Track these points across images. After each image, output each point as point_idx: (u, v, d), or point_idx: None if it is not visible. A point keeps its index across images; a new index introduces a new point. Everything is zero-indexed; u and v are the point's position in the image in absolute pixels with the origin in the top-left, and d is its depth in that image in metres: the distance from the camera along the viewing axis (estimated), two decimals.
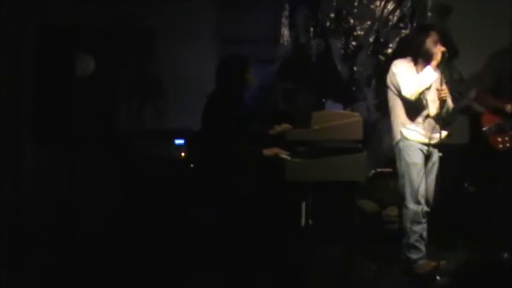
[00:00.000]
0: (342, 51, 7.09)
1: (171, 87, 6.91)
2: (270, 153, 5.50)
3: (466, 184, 6.63)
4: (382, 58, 7.06)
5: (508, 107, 6.12)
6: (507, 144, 6.13)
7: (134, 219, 6.08)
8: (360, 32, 7.07)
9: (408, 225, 5.60)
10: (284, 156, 5.47)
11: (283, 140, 5.69)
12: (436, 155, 5.68)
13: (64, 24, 5.41)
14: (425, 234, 5.63)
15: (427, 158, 5.66)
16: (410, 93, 5.52)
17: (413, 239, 5.61)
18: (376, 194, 6.84)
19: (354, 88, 7.12)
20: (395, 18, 7.06)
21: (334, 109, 6.98)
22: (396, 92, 5.65)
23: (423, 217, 5.60)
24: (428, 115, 5.59)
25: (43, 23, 5.46)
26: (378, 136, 6.96)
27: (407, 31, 6.98)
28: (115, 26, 6.37)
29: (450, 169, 5.92)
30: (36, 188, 5.79)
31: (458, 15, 6.87)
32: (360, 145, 5.63)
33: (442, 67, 5.53)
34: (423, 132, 5.62)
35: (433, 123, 5.61)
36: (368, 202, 6.83)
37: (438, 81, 5.53)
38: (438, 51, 5.50)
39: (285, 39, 7.09)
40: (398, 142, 5.66)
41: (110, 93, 5.55)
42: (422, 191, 5.58)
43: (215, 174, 5.45)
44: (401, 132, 5.65)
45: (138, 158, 6.21)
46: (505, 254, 5.79)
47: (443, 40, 5.73)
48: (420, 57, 5.59)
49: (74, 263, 5.35)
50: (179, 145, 6.27)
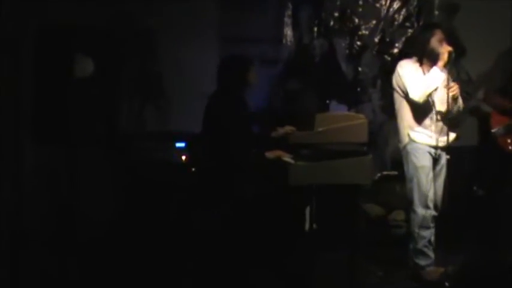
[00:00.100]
0: (347, 51, 7.07)
1: (172, 88, 6.83)
2: (273, 156, 5.42)
3: (475, 187, 6.61)
4: (387, 58, 7.04)
5: None
6: None
7: (134, 222, 6.01)
8: (365, 32, 7.05)
9: (416, 230, 5.53)
10: (287, 159, 5.40)
11: (286, 143, 5.65)
12: (444, 158, 5.60)
13: (64, 24, 5.39)
14: (433, 239, 5.58)
15: (436, 161, 5.59)
16: (417, 95, 5.45)
17: (421, 245, 5.54)
18: (381, 198, 6.80)
19: (359, 89, 7.09)
20: (401, 17, 7.05)
21: (338, 111, 6.94)
22: (402, 94, 5.58)
23: (431, 222, 5.54)
24: (438, 113, 5.50)
25: (43, 23, 5.43)
26: (384, 138, 6.96)
27: (413, 30, 6.95)
28: (115, 26, 6.33)
29: (458, 172, 5.89)
30: (36, 189, 5.74)
31: (465, 13, 6.86)
32: (365, 148, 5.60)
33: (449, 67, 5.43)
34: (431, 134, 5.55)
35: (441, 124, 5.53)
36: (373, 206, 6.79)
37: (445, 82, 5.43)
38: (445, 51, 5.41)
39: (288, 39, 7.06)
40: (406, 145, 5.60)
41: (110, 94, 5.55)
42: (430, 195, 5.51)
43: (216, 177, 5.38)
44: (408, 135, 5.58)
45: (138, 161, 6.13)
46: None
47: (450, 39, 5.65)
48: (425, 57, 5.52)
49: (74, 264, 5.35)
50: (180, 148, 6.19)
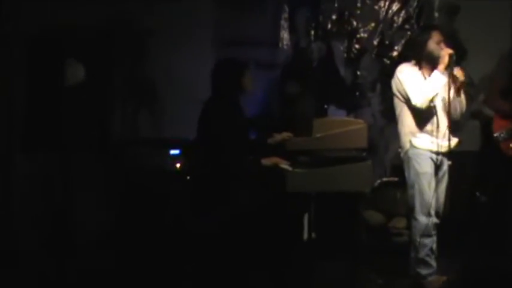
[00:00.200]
0: (345, 54, 7.05)
1: (166, 93, 6.82)
2: (269, 163, 5.36)
3: (478, 193, 6.54)
4: (387, 61, 7.01)
5: None
6: None
7: (128, 231, 6.05)
8: (364, 35, 7.02)
9: (417, 238, 5.46)
10: (284, 166, 5.35)
11: (283, 149, 5.60)
12: (446, 164, 5.54)
13: (55, 28, 5.44)
14: (435, 247, 5.51)
15: (438, 167, 5.52)
16: (420, 101, 5.37)
17: (423, 253, 5.47)
18: (382, 205, 6.75)
19: (358, 93, 7.06)
20: (400, 19, 7.01)
21: (337, 116, 6.92)
22: (403, 100, 5.50)
23: (433, 229, 5.47)
24: (440, 117, 5.44)
25: (34, 29, 5.49)
26: (384, 144, 6.93)
27: (411, 33, 6.91)
28: (108, 30, 6.25)
29: (461, 178, 5.92)
30: (27, 196, 5.84)
31: (466, 15, 6.82)
32: (365, 154, 5.57)
33: (450, 70, 5.32)
34: (433, 139, 5.47)
35: (443, 129, 5.43)
36: (374, 213, 6.73)
37: (446, 85, 5.34)
38: (445, 53, 5.32)
39: (285, 42, 7.03)
40: (407, 151, 5.54)
41: (103, 100, 5.53)
42: (432, 202, 5.45)
43: (212, 185, 5.30)
44: (410, 141, 5.51)
45: (132, 169, 6.16)
46: None
47: (450, 41, 5.59)
48: (424, 60, 5.45)
49: (67, 272, 5.32)
50: (174, 155, 6.19)
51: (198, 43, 6.82)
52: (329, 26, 7.00)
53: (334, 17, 6.98)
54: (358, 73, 7.04)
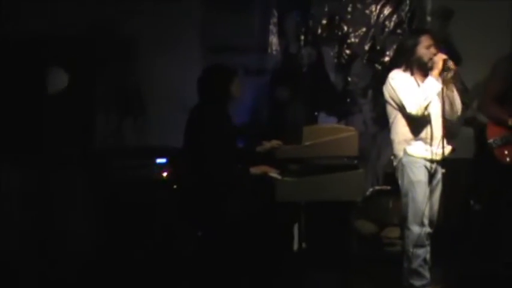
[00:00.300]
0: (335, 60, 7.03)
1: (153, 100, 6.77)
2: (258, 171, 5.33)
3: (472, 202, 6.50)
4: (378, 67, 6.99)
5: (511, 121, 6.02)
6: None
7: (113, 244, 5.97)
8: (355, 40, 7.01)
9: (410, 248, 5.38)
10: (274, 174, 5.33)
11: (272, 158, 5.56)
12: (440, 172, 5.49)
13: (36, 35, 5.45)
14: (428, 257, 5.43)
15: (432, 176, 5.45)
16: (415, 109, 5.29)
17: (416, 264, 5.37)
18: (374, 214, 6.69)
19: (349, 100, 7.04)
20: (392, 23, 7.00)
21: (327, 123, 6.90)
22: (397, 107, 5.42)
23: (426, 239, 5.40)
24: (435, 123, 5.38)
25: (14, 35, 5.49)
26: (376, 151, 6.91)
27: (400, 38, 6.93)
28: (92, 36, 6.31)
29: (455, 186, 5.89)
30: (5, 210, 5.74)
31: (460, 19, 6.80)
32: (356, 161, 5.55)
33: (444, 76, 5.26)
34: (428, 147, 5.40)
35: (438, 136, 5.37)
36: (365, 223, 6.67)
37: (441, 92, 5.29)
38: (439, 59, 5.25)
39: (274, 48, 7.01)
40: (401, 159, 5.47)
41: (86, 107, 5.65)
42: (426, 212, 5.37)
43: (199, 195, 5.26)
44: (405, 149, 5.44)
45: (116, 178, 6.08)
46: None
47: (444, 46, 5.59)
48: (414, 66, 5.38)
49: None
50: (161, 164, 6.15)
51: (186, 49, 6.80)
52: (319, 31, 6.98)
53: (324, 22, 6.98)
54: (349, 79, 7.01)
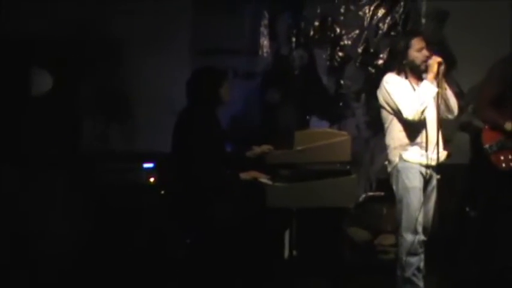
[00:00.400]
0: (328, 62, 7.01)
1: (140, 104, 6.72)
2: (248, 177, 5.33)
3: (468, 208, 6.45)
4: (372, 70, 6.95)
5: (508, 126, 5.94)
6: (511, 163, 5.91)
7: (99, 251, 5.90)
8: (347, 42, 6.99)
9: (403, 257, 5.33)
10: (264, 180, 5.33)
11: (263, 163, 5.56)
12: (435, 179, 5.45)
13: (20, 36, 5.41)
14: (422, 265, 5.37)
15: (427, 182, 5.42)
16: (412, 115, 5.23)
17: (409, 273, 5.31)
18: (367, 221, 6.69)
19: (341, 104, 7.02)
20: (386, 25, 6.97)
21: (319, 127, 6.87)
22: (392, 112, 5.37)
23: (420, 247, 5.34)
24: (431, 128, 5.35)
25: None
26: (369, 156, 6.88)
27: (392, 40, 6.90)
28: (78, 38, 6.26)
29: (450, 192, 5.83)
30: None
31: (455, 21, 6.78)
32: (349, 167, 5.52)
33: (440, 79, 5.23)
34: (423, 152, 5.34)
35: (433, 141, 5.30)
36: (358, 230, 6.66)
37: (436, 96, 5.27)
38: (434, 61, 5.20)
39: (265, 50, 6.99)
40: (396, 165, 5.42)
41: (71, 110, 5.63)
42: (420, 219, 5.32)
43: (187, 200, 5.23)
44: (400, 155, 5.38)
45: (102, 184, 6.04)
46: None
47: (439, 49, 5.59)
48: (407, 69, 5.32)
49: None
50: (148, 169, 6.13)
51: (175, 51, 6.75)
52: (311, 33, 6.97)
53: (316, 24, 6.96)
54: (341, 82, 6.98)
